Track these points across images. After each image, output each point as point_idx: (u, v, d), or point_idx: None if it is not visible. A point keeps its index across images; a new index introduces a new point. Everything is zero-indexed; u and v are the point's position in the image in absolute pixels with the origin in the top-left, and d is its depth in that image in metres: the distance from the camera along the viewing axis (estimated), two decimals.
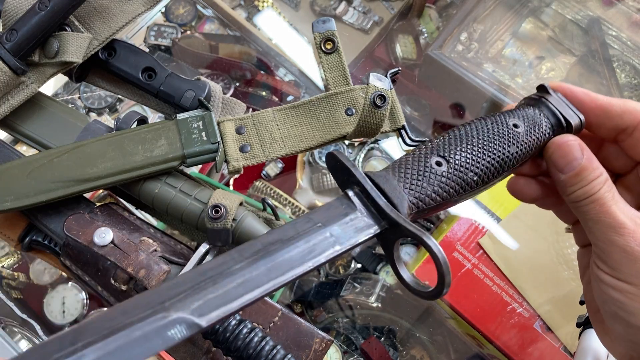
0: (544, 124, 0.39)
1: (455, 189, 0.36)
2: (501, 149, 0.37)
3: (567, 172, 0.37)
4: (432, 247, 0.31)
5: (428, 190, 0.35)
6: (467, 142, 0.37)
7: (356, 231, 0.32)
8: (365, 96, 0.47)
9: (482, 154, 0.36)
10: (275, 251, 0.29)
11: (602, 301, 0.37)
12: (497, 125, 0.38)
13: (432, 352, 0.67)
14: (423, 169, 0.35)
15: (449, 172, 0.35)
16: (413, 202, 0.34)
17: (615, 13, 0.83)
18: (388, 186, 0.34)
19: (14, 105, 0.46)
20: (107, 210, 0.47)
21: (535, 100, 0.40)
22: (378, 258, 0.72)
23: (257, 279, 0.28)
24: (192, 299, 0.27)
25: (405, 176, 0.35)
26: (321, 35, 0.48)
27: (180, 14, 0.87)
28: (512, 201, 0.64)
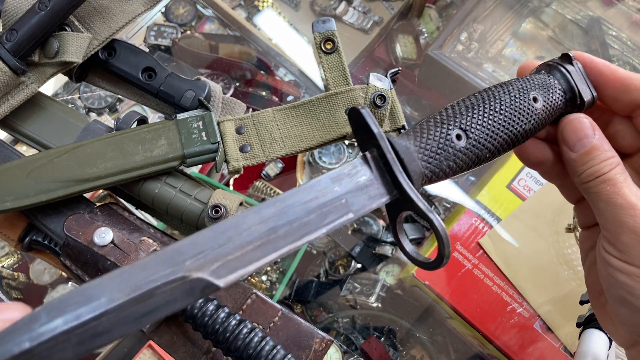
0: (560, 98, 0.38)
1: (468, 163, 0.36)
2: (518, 125, 0.37)
3: (578, 149, 0.37)
4: (434, 222, 0.31)
5: (443, 165, 0.35)
6: (489, 116, 0.36)
7: (369, 199, 0.32)
8: (365, 96, 0.47)
9: (500, 130, 0.36)
10: (292, 215, 0.30)
11: (608, 284, 0.37)
12: (519, 99, 0.37)
13: (432, 352, 0.67)
14: (444, 142, 0.35)
15: (467, 147, 0.35)
16: (427, 174, 0.34)
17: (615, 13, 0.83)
18: (407, 157, 0.33)
19: (14, 105, 0.46)
20: (107, 210, 0.47)
21: (556, 69, 0.39)
22: (378, 258, 0.72)
23: (274, 243, 0.29)
24: (211, 260, 0.27)
25: (425, 148, 0.34)
26: (321, 35, 0.48)
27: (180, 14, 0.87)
28: (512, 201, 0.64)
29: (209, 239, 0.28)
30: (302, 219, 0.30)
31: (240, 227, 0.28)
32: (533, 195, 0.64)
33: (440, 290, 0.60)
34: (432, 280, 0.61)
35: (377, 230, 0.73)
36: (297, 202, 0.30)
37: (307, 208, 0.30)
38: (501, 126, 0.36)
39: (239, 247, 0.28)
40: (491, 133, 0.36)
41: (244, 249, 0.28)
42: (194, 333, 0.45)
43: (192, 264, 0.27)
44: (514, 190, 0.65)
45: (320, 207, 0.31)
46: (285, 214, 0.30)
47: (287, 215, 0.30)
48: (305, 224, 0.30)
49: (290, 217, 0.30)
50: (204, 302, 0.42)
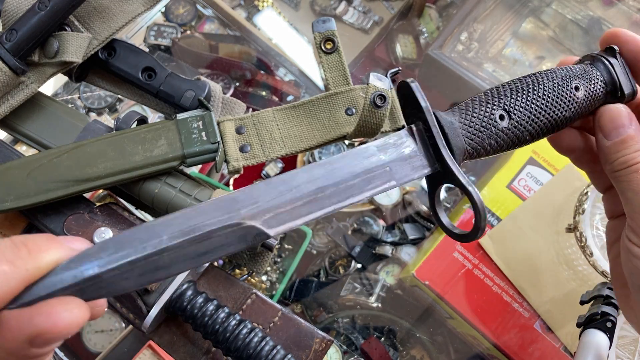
0: (600, 89, 0.39)
1: (509, 143, 0.37)
2: (559, 111, 0.37)
3: (613, 137, 0.37)
4: (473, 195, 0.33)
5: (485, 142, 0.36)
6: (532, 100, 0.37)
7: (412, 169, 0.34)
8: (365, 96, 0.46)
9: (541, 114, 0.37)
10: (339, 177, 0.31)
11: (631, 275, 0.37)
12: (561, 86, 0.38)
13: (432, 352, 0.67)
14: (487, 121, 0.36)
15: (509, 127, 0.36)
16: (469, 150, 0.36)
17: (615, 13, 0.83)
18: (451, 132, 0.35)
19: (13, 105, 0.46)
20: (107, 210, 0.47)
21: (600, 61, 0.40)
22: (378, 258, 0.72)
23: (321, 201, 0.31)
24: (264, 211, 0.29)
25: (469, 125, 0.36)
26: (321, 35, 0.48)
27: (180, 13, 0.87)
28: (512, 201, 0.64)
29: (262, 191, 0.30)
30: (348, 182, 0.31)
31: (291, 184, 0.30)
32: (533, 195, 0.64)
33: (440, 290, 0.60)
34: (432, 280, 0.61)
35: (377, 230, 0.73)
36: (345, 165, 0.32)
37: (354, 172, 0.32)
38: (543, 110, 0.37)
39: (289, 201, 0.30)
40: (532, 116, 0.37)
41: (294, 204, 0.30)
42: (194, 333, 0.45)
43: (247, 213, 0.29)
44: (514, 190, 0.65)
45: (366, 173, 0.32)
46: (333, 175, 0.31)
47: (335, 176, 0.31)
48: (350, 187, 0.32)
49: (337, 179, 0.31)
50: (203, 302, 0.42)
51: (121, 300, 0.45)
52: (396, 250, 0.71)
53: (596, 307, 0.51)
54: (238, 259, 0.49)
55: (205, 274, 0.47)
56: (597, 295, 0.52)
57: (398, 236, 0.72)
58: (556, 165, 0.65)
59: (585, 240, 0.57)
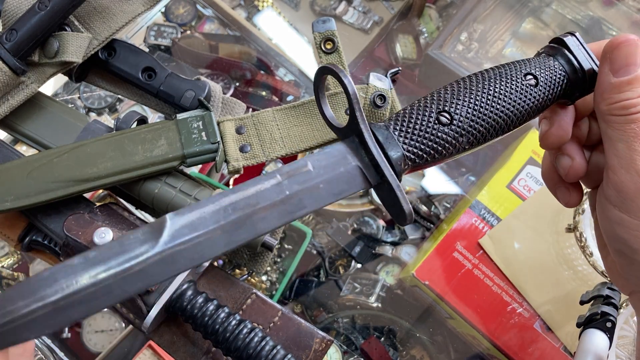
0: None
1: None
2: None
3: (621, 75, 0.34)
4: (345, 82, 0.32)
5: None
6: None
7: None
8: (365, 96, 0.46)
9: (490, 108, 0.34)
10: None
11: (607, 237, 0.37)
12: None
13: (432, 352, 0.67)
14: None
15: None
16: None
17: (615, 13, 0.83)
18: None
19: (13, 105, 0.46)
20: (107, 210, 0.47)
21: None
22: (378, 258, 0.72)
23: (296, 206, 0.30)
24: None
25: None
26: (321, 35, 0.48)
27: (180, 13, 0.87)
28: (512, 201, 0.64)
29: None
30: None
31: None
32: (533, 195, 0.64)
33: (440, 290, 0.60)
34: (432, 280, 0.61)
35: (377, 230, 0.73)
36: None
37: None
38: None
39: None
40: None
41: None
42: (194, 333, 0.45)
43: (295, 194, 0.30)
44: (514, 190, 0.65)
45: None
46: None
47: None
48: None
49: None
50: (204, 302, 0.42)
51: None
52: (396, 250, 0.71)
53: (596, 307, 0.51)
54: (238, 259, 0.49)
55: (205, 274, 0.47)
56: (597, 295, 0.52)
57: (398, 236, 0.72)
58: None
59: (585, 240, 0.57)
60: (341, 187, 0.31)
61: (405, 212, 0.31)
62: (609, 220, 0.36)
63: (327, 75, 0.34)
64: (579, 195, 0.42)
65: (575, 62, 0.37)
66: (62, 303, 0.23)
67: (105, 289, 0.24)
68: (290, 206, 0.29)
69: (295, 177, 0.30)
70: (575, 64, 0.37)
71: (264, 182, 0.29)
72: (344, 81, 0.31)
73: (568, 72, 0.37)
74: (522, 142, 0.67)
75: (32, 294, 0.23)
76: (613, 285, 0.53)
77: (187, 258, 0.26)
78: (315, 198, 0.30)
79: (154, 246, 0.25)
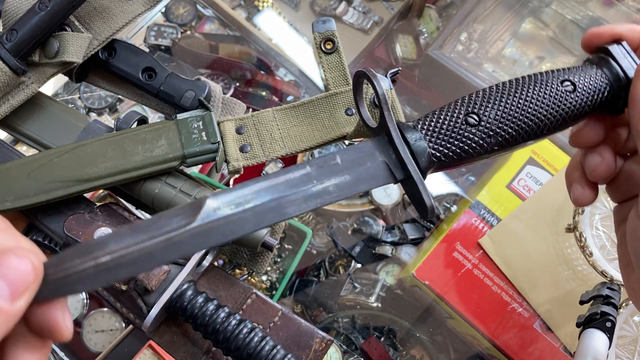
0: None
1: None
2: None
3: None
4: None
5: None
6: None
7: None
8: (365, 96, 0.47)
9: (520, 112, 0.34)
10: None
11: (635, 254, 0.36)
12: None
13: (432, 352, 0.67)
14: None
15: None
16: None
17: (615, 13, 0.83)
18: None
19: (14, 105, 0.46)
20: (107, 210, 0.47)
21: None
22: (378, 258, 0.72)
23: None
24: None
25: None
26: (321, 35, 0.48)
27: (180, 14, 0.87)
28: (512, 201, 0.64)
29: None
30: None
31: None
32: (533, 195, 0.64)
33: (440, 290, 0.60)
34: (432, 280, 0.61)
35: (377, 230, 0.73)
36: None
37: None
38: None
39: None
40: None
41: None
42: (194, 333, 0.45)
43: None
44: (514, 190, 0.65)
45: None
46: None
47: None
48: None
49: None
50: (204, 301, 0.42)
51: (121, 300, 0.45)
52: (396, 250, 0.71)
53: (596, 307, 0.51)
54: (238, 259, 0.49)
55: (205, 274, 0.47)
56: (597, 295, 0.52)
57: (398, 236, 0.72)
58: (556, 166, 0.65)
59: (585, 240, 0.57)
60: (367, 180, 0.33)
61: (427, 206, 0.32)
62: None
63: (363, 78, 0.36)
64: (592, 194, 0.41)
65: (620, 70, 0.36)
66: (110, 264, 0.26)
67: (147, 254, 0.27)
68: (317, 193, 0.31)
69: (324, 168, 0.32)
70: (619, 72, 0.36)
71: (294, 171, 0.32)
72: (375, 84, 0.34)
73: (611, 80, 0.36)
74: None
75: (86, 254, 0.26)
76: (613, 285, 0.53)
77: (220, 234, 0.28)
78: (340, 188, 0.32)
79: (192, 221, 0.28)
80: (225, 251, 0.49)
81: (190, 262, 0.43)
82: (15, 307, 0.23)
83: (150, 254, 0.27)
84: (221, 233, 0.29)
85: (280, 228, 0.48)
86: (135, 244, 0.27)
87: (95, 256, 0.26)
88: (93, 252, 0.26)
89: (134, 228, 0.28)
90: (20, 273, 0.23)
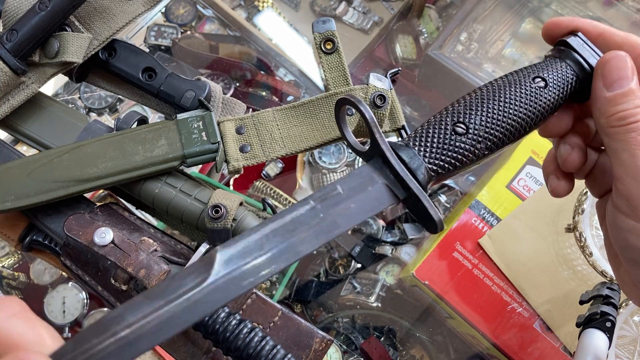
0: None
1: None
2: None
3: (615, 89, 0.35)
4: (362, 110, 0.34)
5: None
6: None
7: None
8: (365, 96, 0.47)
9: (504, 114, 0.35)
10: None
11: (621, 248, 0.36)
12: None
13: (432, 352, 0.67)
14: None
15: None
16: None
17: (615, 13, 0.83)
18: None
19: (14, 105, 0.46)
20: (108, 210, 0.47)
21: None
22: (378, 258, 0.72)
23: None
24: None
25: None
26: (321, 35, 0.48)
27: (181, 14, 0.87)
28: (512, 201, 0.64)
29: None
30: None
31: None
32: (533, 195, 0.64)
33: (440, 290, 0.60)
34: (432, 280, 0.61)
35: (377, 230, 0.73)
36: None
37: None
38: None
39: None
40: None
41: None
42: (194, 333, 0.45)
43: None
44: (514, 190, 0.65)
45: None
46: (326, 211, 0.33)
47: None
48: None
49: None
50: None
51: (122, 300, 0.45)
52: (396, 250, 0.71)
53: (595, 307, 0.51)
54: None
55: None
56: (597, 295, 0.52)
57: (398, 236, 0.72)
58: None
59: (585, 240, 0.57)
60: (371, 204, 0.33)
61: (435, 220, 0.32)
62: (620, 229, 0.36)
63: (345, 105, 0.36)
64: (567, 185, 0.41)
65: (582, 60, 0.37)
66: (131, 336, 0.25)
67: (168, 320, 0.26)
68: (326, 227, 0.31)
69: (327, 201, 0.32)
70: (583, 63, 0.37)
71: (299, 208, 0.31)
72: (361, 109, 0.34)
73: (576, 70, 0.38)
74: (522, 142, 0.67)
75: (103, 332, 0.25)
76: (613, 285, 0.53)
77: (238, 285, 0.28)
78: (347, 218, 0.32)
79: (207, 278, 0.28)
80: None
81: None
82: None
83: (170, 319, 0.26)
84: (238, 284, 0.28)
85: None
86: (153, 312, 0.26)
87: (113, 332, 0.25)
88: (110, 328, 0.25)
89: (149, 295, 0.27)
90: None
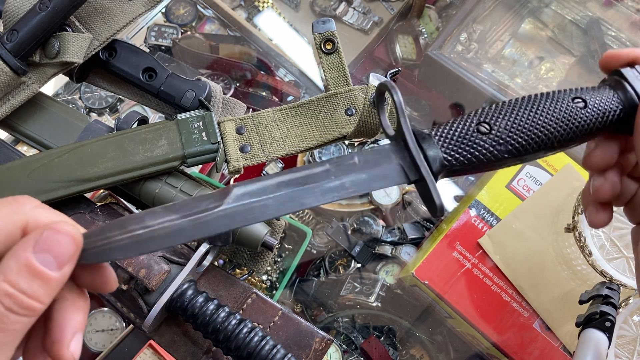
0: (612, 99, 0.37)
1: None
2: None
3: None
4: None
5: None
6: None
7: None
8: (365, 96, 0.47)
9: (530, 124, 0.36)
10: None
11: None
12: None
13: (431, 352, 0.67)
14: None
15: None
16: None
17: (614, 13, 0.83)
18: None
19: (14, 105, 0.46)
20: (108, 210, 0.47)
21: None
22: (378, 258, 0.72)
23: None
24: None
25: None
26: (321, 35, 0.48)
27: (181, 14, 0.87)
28: (511, 201, 0.64)
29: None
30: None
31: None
32: (532, 195, 0.64)
33: (440, 289, 0.61)
34: (431, 280, 0.61)
35: (377, 230, 0.73)
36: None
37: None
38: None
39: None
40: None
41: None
42: (194, 332, 0.45)
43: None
44: (514, 190, 0.65)
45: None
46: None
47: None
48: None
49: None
50: (204, 301, 0.42)
51: (122, 300, 0.45)
52: (396, 250, 0.71)
53: (595, 307, 0.51)
54: (238, 259, 0.49)
55: (205, 274, 0.47)
56: (596, 294, 0.52)
57: (398, 236, 0.73)
58: (555, 166, 0.65)
59: (584, 240, 0.57)
60: (381, 178, 0.35)
61: (436, 204, 0.34)
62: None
63: (385, 90, 0.38)
64: (605, 217, 0.41)
65: (632, 91, 0.37)
66: (144, 236, 0.29)
67: (177, 231, 0.30)
68: (334, 188, 0.33)
69: (342, 167, 0.34)
70: (632, 94, 0.37)
71: (315, 167, 0.34)
72: (393, 94, 0.36)
73: (624, 100, 0.37)
74: None
75: (123, 227, 0.29)
76: (612, 284, 0.53)
77: (244, 217, 0.31)
78: (356, 184, 0.34)
79: (220, 205, 0.31)
80: (226, 251, 0.49)
81: (191, 262, 0.43)
82: (61, 274, 0.27)
83: (180, 230, 0.30)
84: (244, 217, 0.31)
85: (280, 228, 0.48)
86: (168, 221, 0.30)
87: (131, 229, 0.29)
88: (130, 225, 0.30)
89: (169, 208, 0.31)
90: (64, 246, 0.27)
